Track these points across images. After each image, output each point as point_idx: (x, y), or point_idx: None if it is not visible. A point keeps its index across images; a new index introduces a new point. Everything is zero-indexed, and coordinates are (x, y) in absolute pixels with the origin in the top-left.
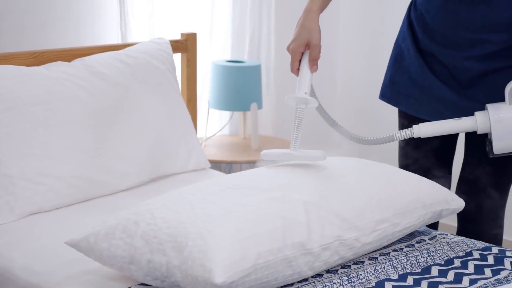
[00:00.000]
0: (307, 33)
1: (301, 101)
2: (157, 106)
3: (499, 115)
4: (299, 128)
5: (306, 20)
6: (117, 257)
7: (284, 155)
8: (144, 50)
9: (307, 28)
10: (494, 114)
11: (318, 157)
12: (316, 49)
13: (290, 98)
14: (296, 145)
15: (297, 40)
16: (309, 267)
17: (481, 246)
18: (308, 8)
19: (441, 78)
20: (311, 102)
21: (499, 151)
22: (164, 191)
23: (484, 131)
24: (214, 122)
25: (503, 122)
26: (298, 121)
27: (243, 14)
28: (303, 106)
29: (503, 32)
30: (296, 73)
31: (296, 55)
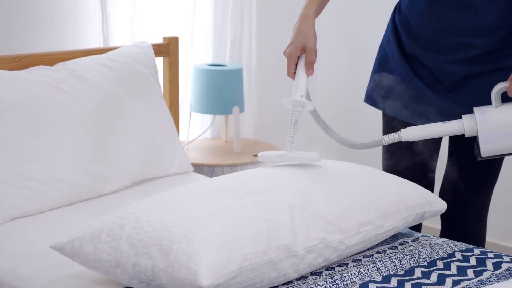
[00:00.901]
0: (303, 37)
1: (297, 103)
2: (140, 110)
3: (485, 118)
4: (295, 130)
5: (302, 25)
6: (103, 260)
7: (280, 156)
8: (126, 54)
9: (303, 32)
10: (480, 117)
11: (313, 159)
12: (311, 53)
13: (287, 101)
14: (292, 147)
15: (293, 45)
16: (294, 270)
17: (464, 248)
18: (304, 13)
19: (425, 81)
20: (307, 105)
21: (486, 154)
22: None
23: (471, 134)
24: (196, 126)
25: (490, 124)
26: (294, 124)
27: (224, 17)
28: (299, 109)
29: (486, 36)
30: (292, 76)
31: (292, 59)
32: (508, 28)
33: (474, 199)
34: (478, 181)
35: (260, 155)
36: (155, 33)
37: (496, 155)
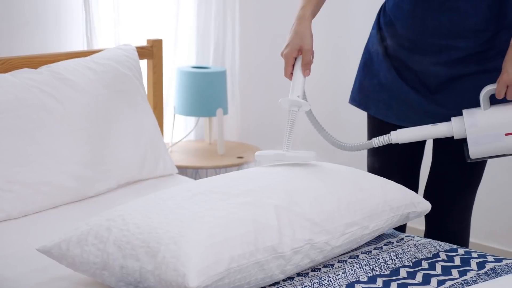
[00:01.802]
0: (299, 39)
1: (294, 104)
2: (124, 112)
3: (474, 120)
4: (291, 129)
5: (298, 26)
6: (90, 263)
7: (277, 155)
8: (110, 56)
9: (299, 34)
10: (468, 120)
11: (309, 158)
12: (308, 54)
13: (284, 101)
14: (288, 146)
15: (290, 46)
16: (280, 271)
17: (448, 248)
18: (301, 15)
19: (409, 83)
20: (304, 105)
21: (475, 156)
22: (133, 197)
23: (460, 136)
24: (179, 128)
25: (478, 127)
26: (291, 123)
27: (208, 20)
28: (295, 109)
29: (470, 38)
30: (289, 77)
31: (289, 60)
32: (491, 31)
33: (458, 200)
34: (462, 182)
35: (257, 154)
36: (138, 36)
37: (485, 157)
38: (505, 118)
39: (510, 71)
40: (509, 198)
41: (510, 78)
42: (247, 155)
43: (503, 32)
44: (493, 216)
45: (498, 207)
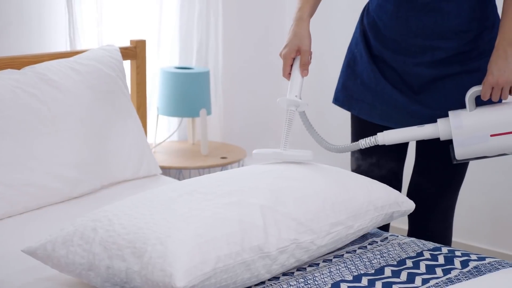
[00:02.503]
0: (298, 39)
1: (292, 103)
2: (107, 113)
3: (459, 122)
4: (289, 128)
5: (297, 27)
6: (75, 263)
7: (274, 154)
8: (94, 57)
9: (298, 35)
10: (454, 121)
11: (306, 156)
12: (306, 54)
13: (282, 100)
14: (286, 145)
15: (288, 46)
16: (266, 270)
17: (431, 247)
18: (299, 16)
19: (392, 83)
20: (301, 104)
21: (461, 157)
22: (117, 198)
23: (446, 137)
24: (163, 129)
25: (463, 128)
26: (289, 122)
27: (191, 20)
28: (293, 108)
29: (453, 39)
30: (287, 77)
31: (288, 61)
32: (474, 32)
33: (440, 199)
34: (445, 182)
35: (255, 152)
36: (121, 36)
37: (471, 158)
38: (490, 120)
39: (495, 73)
40: (491, 197)
41: (495, 80)
42: (230, 155)
43: (486, 33)
44: (476, 215)
45: (481, 206)
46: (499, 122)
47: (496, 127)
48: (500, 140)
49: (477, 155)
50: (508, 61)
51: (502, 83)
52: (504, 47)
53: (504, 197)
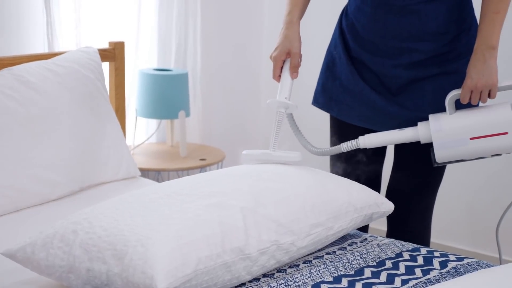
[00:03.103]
0: (288, 42)
1: (282, 105)
2: (86, 115)
3: (439, 125)
4: (278, 130)
5: (287, 30)
6: (55, 266)
7: (264, 154)
8: (72, 59)
9: (288, 38)
10: (434, 124)
11: (295, 158)
12: (296, 57)
13: (272, 102)
14: (275, 146)
15: (279, 49)
16: (247, 272)
17: (410, 248)
18: (289, 19)
19: (371, 85)
20: (291, 106)
21: (441, 160)
22: (96, 200)
23: (426, 140)
24: (141, 131)
25: (443, 132)
26: (278, 124)
27: (169, 22)
28: (282, 110)
29: (430, 41)
30: (277, 79)
31: (278, 63)
32: (452, 34)
33: (419, 200)
34: (423, 183)
35: (244, 153)
36: (100, 38)
37: (452, 161)
38: (470, 123)
39: (474, 76)
40: (469, 198)
41: (474, 84)
42: (209, 157)
43: (463, 35)
44: (454, 217)
45: (459, 207)
46: (479, 125)
47: (476, 130)
48: (479, 143)
49: (458, 158)
50: (486, 64)
51: (480, 87)
52: (483, 51)
53: (481, 198)
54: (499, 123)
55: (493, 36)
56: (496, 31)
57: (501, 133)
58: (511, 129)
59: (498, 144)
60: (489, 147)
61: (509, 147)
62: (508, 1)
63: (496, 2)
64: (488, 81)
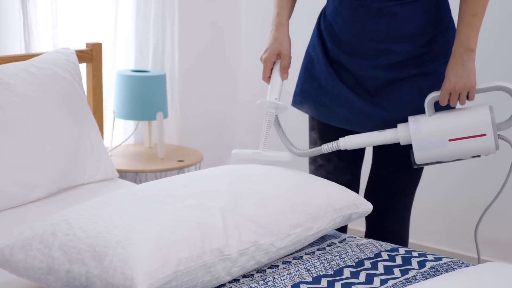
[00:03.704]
0: (278, 44)
1: (272, 105)
2: (64, 116)
3: (418, 127)
4: (268, 130)
5: (277, 32)
6: (34, 268)
7: (254, 154)
8: (50, 60)
9: (278, 39)
10: (413, 126)
11: (285, 157)
12: (286, 58)
13: (262, 102)
14: (265, 146)
15: (269, 51)
16: (226, 273)
17: (389, 248)
18: (278, 21)
19: (349, 86)
20: (281, 107)
21: (421, 162)
22: (74, 202)
23: (406, 142)
24: (118, 132)
25: (422, 133)
26: (268, 124)
27: (147, 24)
28: (272, 111)
29: (407, 43)
30: (267, 81)
31: (268, 64)
32: (429, 35)
33: (397, 200)
34: (401, 183)
35: (234, 152)
36: (76, 39)
37: (431, 163)
38: (448, 125)
39: (452, 79)
40: (446, 198)
41: (452, 86)
42: (187, 158)
43: (440, 36)
44: (432, 217)
45: (436, 208)
46: (457, 127)
47: (454, 132)
48: (458, 144)
49: (437, 160)
50: (464, 67)
51: (459, 89)
52: (461, 53)
53: (459, 198)
54: (478, 125)
55: (471, 38)
56: (474, 33)
57: (480, 134)
58: (489, 131)
59: (477, 146)
60: (468, 148)
61: (488, 149)
62: (485, 4)
63: (473, 4)
64: (466, 83)
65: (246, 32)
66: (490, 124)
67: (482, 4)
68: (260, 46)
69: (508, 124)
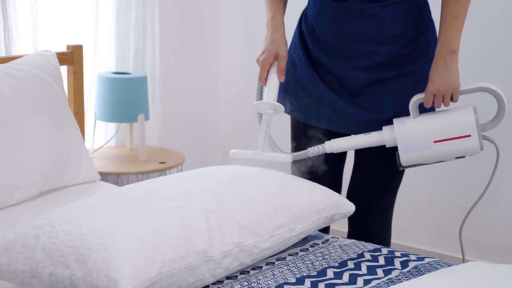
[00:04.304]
0: (275, 46)
1: (270, 106)
2: (45, 119)
3: (403, 129)
4: (267, 131)
5: (274, 34)
6: (17, 271)
7: (255, 154)
8: (30, 62)
9: (275, 41)
10: (399, 129)
11: (285, 158)
12: (283, 60)
13: (260, 103)
14: (264, 146)
15: (266, 53)
16: (210, 274)
17: (372, 248)
18: (274, 24)
19: (331, 87)
20: (278, 108)
21: (406, 163)
22: (56, 204)
23: (392, 144)
24: (100, 134)
25: (408, 136)
26: (267, 125)
27: (127, 25)
28: (271, 111)
29: (389, 44)
30: (264, 82)
31: (265, 66)
32: (410, 36)
33: (379, 200)
34: (383, 184)
35: (233, 152)
36: (57, 42)
37: (417, 164)
38: (433, 126)
39: (436, 81)
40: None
41: (437, 88)
42: (169, 160)
43: (420, 37)
44: (414, 217)
45: (418, 207)
46: (442, 129)
47: (439, 134)
48: (443, 146)
49: (422, 161)
50: (448, 69)
51: (443, 91)
52: (444, 56)
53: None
54: (462, 126)
55: (454, 40)
56: (456, 35)
57: (464, 135)
58: (474, 132)
59: (462, 147)
60: (453, 149)
61: (473, 149)
62: (467, 6)
63: (455, 6)
64: (450, 85)
65: (227, 33)
66: (474, 125)
67: (464, 6)
68: (240, 46)
69: (492, 125)
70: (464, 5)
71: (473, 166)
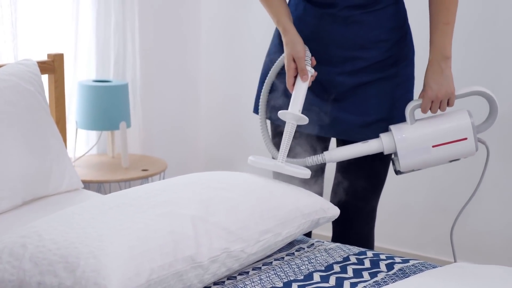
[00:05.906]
0: (290, 48)
1: (294, 118)
2: (27, 128)
3: (402, 135)
4: (288, 142)
5: (286, 37)
6: (5, 281)
7: (275, 166)
8: (11, 72)
9: (289, 44)
10: (397, 135)
11: (305, 174)
12: (301, 61)
13: (284, 113)
14: (284, 157)
15: (286, 58)
16: (198, 280)
17: (357, 251)
18: (282, 28)
19: (315, 92)
20: (302, 119)
21: (405, 169)
22: (39, 213)
23: (390, 151)
24: (81, 142)
25: (407, 141)
26: (289, 136)
27: (107, 33)
28: (294, 122)
29: (372, 49)
30: (291, 89)
31: (289, 72)
32: (391, 41)
33: (362, 204)
34: (365, 187)
35: (251, 159)
36: (36, 51)
37: (415, 169)
38: (431, 131)
39: (434, 87)
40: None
41: (435, 94)
42: (151, 167)
43: (401, 41)
44: (397, 221)
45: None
46: (440, 133)
47: (437, 138)
48: (441, 150)
49: (420, 167)
50: (443, 75)
51: (441, 97)
52: (439, 62)
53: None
54: (459, 130)
55: (447, 46)
56: (448, 41)
57: (461, 139)
58: (470, 135)
59: (459, 150)
60: (450, 153)
61: (468, 152)
62: (455, 12)
63: (445, 13)
64: (447, 90)
65: (207, 39)
66: (470, 128)
67: (453, 13)
68: (221, 53)
69: (486, 126)
70: (454, 11)
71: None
